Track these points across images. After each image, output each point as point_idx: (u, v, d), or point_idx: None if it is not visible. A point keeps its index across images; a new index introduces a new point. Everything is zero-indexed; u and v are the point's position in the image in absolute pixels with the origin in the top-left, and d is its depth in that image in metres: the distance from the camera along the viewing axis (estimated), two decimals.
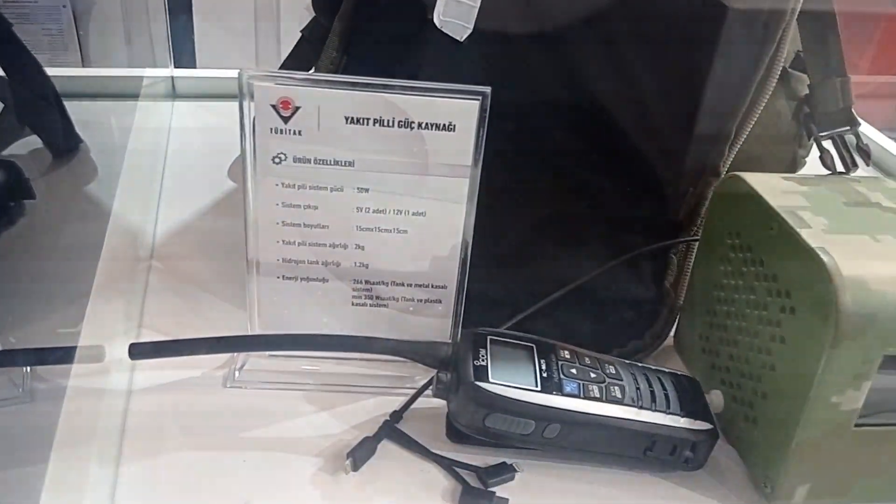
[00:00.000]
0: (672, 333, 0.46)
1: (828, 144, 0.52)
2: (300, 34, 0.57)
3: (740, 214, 0.39)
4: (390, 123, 0.35)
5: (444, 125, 0.35)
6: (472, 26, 0.43)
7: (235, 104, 0.35)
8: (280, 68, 0.57)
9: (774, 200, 0.36)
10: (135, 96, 0.66)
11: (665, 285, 0.45)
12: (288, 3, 0.93)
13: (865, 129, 0.75)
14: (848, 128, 0.49)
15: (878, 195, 0.38)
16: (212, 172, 0.59)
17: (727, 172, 0.45)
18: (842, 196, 0.37)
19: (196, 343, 0.37)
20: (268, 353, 0.41)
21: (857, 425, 0.34)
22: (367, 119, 0.35)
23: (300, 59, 0.57)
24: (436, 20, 0.43)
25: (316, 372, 0.41)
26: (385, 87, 0.35)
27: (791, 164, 0.51)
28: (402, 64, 0.44)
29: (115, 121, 0.64)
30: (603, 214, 0.46)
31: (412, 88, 0.35)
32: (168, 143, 0.63)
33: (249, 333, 0.40)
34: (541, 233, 0.45)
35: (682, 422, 0.36)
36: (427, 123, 0.35)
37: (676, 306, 0.45)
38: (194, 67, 0.80)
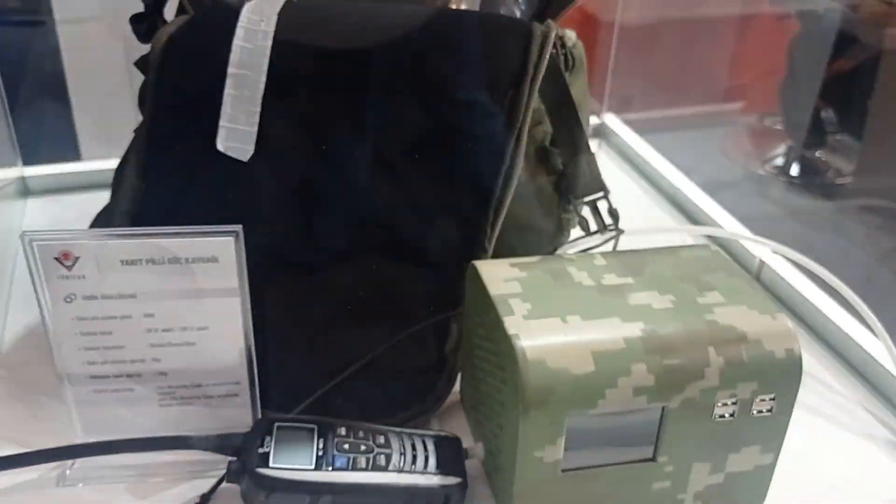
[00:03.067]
0: (460, 390, 0.54)
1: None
2: (133, 133, 0.63)
3: (477, 297, 0.46)
4: (162, 261, 0.42)
5: (209, 258, 0.42)
6: (252, 148, 0.50)
7: (89, 195, 0.40)
8: (117, 168, 0.63)
9: (494, 289, 0.44)
10: None
11: (446, 351, 0.53)
12: None
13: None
14: (600, 194, 0.58)
15: (584, 274, 0.46)
16: None
17: (502, 240, 0.53)
18: (553, 278, 0.45)
19: (10, 459, 0.43)
20: None
21: (563, 470, 0.42)
22: (141, 260, 0.41)
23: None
24: (219, 146, 0.50)
25: (138, 463, 0.47)
26: (152, 234, 0.41)
27: (557, 229, 0.60)
28: (196, 184, 0.51)
29: None
30: (390, 293, 0.53)
31: (176, 233, 0.41)
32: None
33: (70, 443, 0.46)
34: (336, 316, 0.53)
35: (435, 479, 0.44)
36: (193, 258, 0.42)
37: (455, 371, 0.53)
38: (79, 159, 0.81)
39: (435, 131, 0.51)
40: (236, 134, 0.50)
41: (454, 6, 0.57)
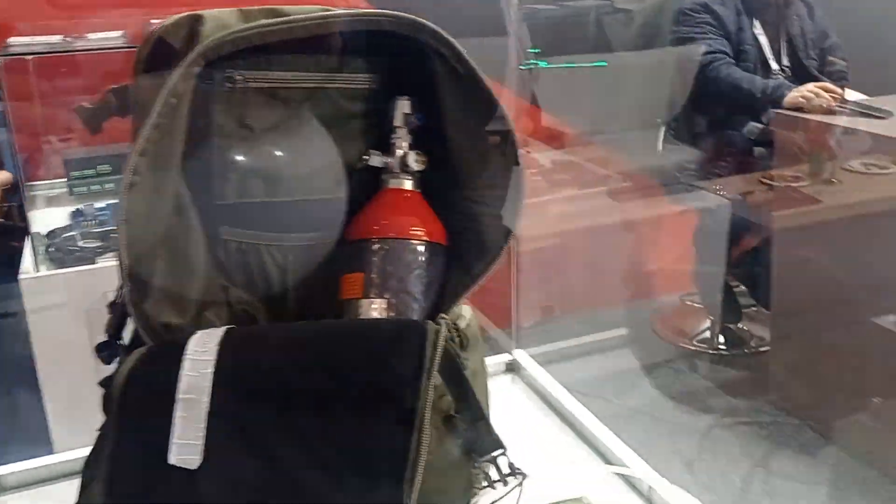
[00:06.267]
0: None
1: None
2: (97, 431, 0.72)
3: None
4: None
5: None
6: (200, 458, 0.60)
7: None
8: (84, 466, 0.71)
9: None
10: None
11: None
12: None
13: None
14: (501, 451, 0.68)
15: None
16: None
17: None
18: None
19: None
20: None
21: None
22: None
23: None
24: (171, 460, 0.60)
25: None
26: None
27: (469, 482, 0.70)
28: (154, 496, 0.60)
29: None
30: None
31: None
32: None
33: None
34: None
35: None
36: None
37: None
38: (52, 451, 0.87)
39: (353, 423, 0.62)
40: (186, 448, 0.60)
41: (363, 315, 0.70)
